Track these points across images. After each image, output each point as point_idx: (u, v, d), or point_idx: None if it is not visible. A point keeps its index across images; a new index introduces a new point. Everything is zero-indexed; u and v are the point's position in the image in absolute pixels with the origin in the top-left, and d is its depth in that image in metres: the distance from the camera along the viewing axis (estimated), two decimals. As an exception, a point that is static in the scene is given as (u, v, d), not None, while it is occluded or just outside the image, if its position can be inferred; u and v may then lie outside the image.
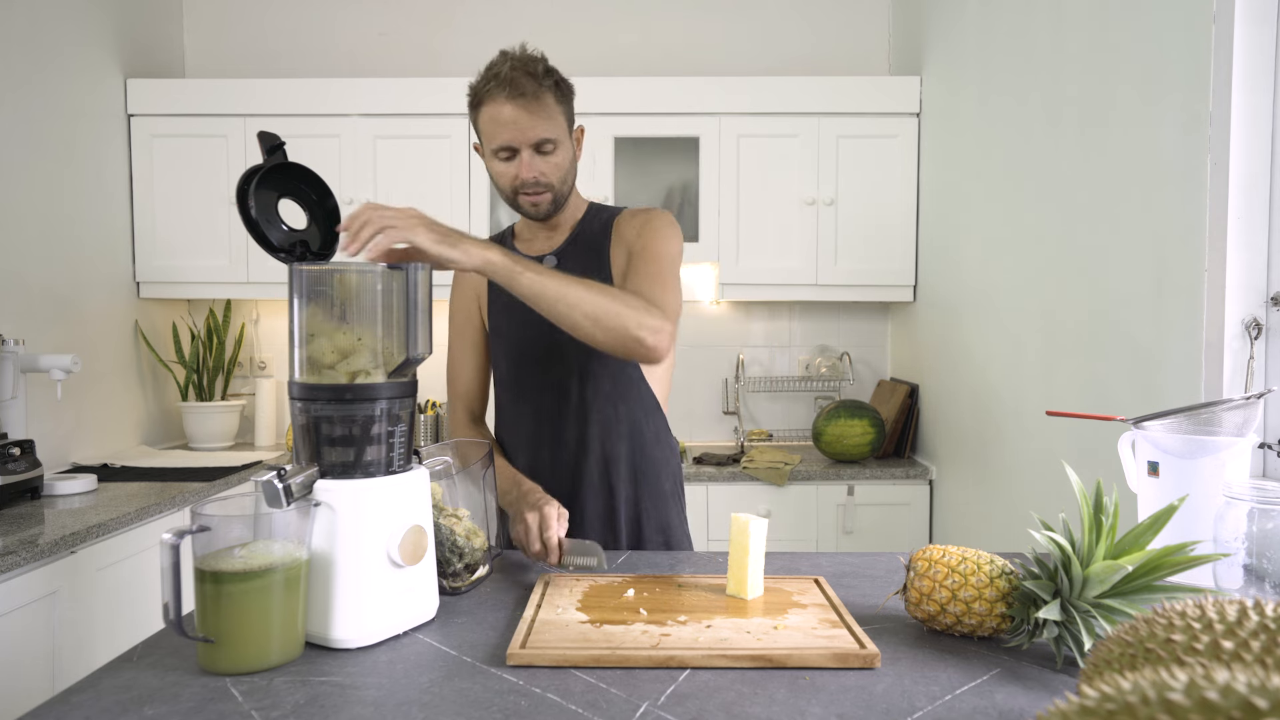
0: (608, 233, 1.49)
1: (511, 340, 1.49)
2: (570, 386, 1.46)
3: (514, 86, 1.31)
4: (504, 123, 1.33)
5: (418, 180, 2.89)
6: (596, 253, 1.47)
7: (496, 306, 1.51)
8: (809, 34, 3.20)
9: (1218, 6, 1.38)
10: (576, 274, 1.38)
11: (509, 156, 1.36)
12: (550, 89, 1.35)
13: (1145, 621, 0.63)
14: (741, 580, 1.06)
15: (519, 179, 1.37)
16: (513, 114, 1.32)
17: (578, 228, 1.50)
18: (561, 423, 1.46)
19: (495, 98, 1.33)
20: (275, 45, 3.21)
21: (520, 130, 1.33)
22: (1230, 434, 1.03)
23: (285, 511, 0.87)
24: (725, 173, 2.89)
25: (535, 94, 1.33)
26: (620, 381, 1.47)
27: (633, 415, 1.48)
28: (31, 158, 2.41)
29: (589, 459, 1.46)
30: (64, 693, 0.81)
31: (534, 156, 1.36)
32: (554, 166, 1.38)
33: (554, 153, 1.37)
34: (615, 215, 1.52)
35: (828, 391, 3.23)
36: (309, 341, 0.95)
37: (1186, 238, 1.46)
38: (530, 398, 1.48)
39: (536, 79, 1.33)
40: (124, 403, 2.82)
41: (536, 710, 0.76)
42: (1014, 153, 2.14)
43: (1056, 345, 1.92)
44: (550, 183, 1.39)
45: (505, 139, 1.34)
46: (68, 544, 1.77)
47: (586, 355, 1.44)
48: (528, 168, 1.36)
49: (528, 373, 1.48)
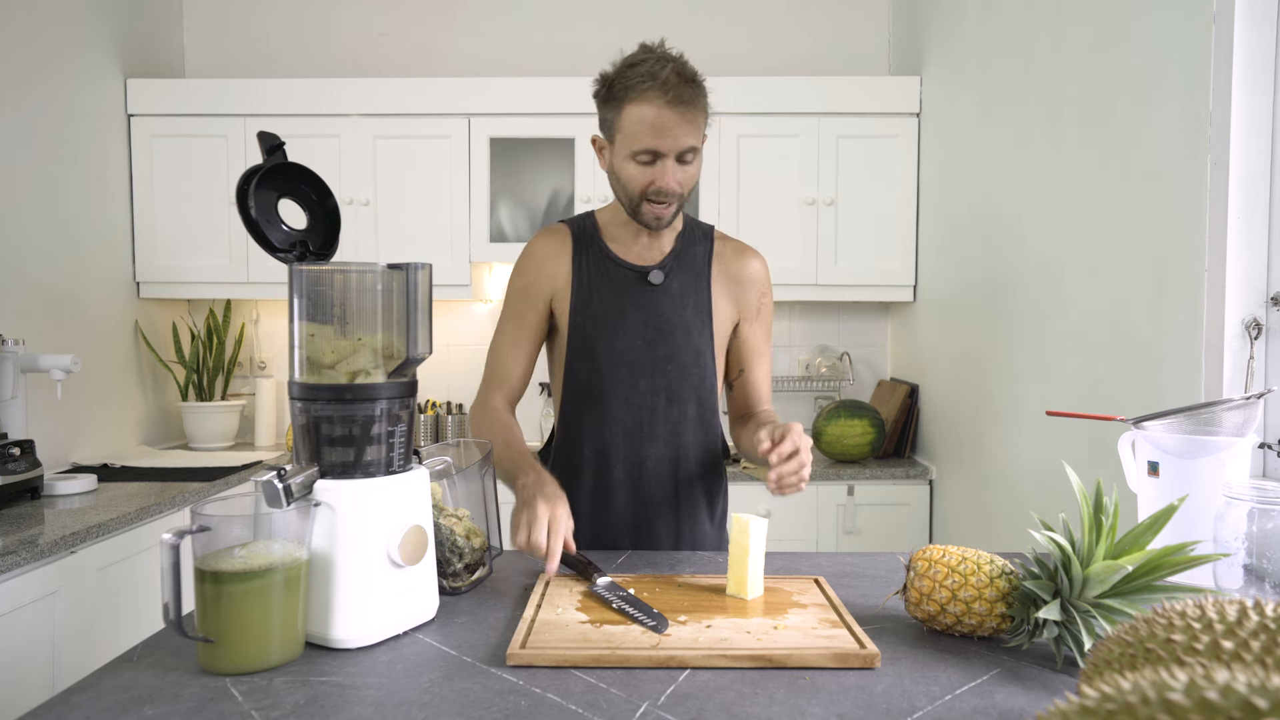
0: (709, 259, 1.47)
1: (602, 351, 1.42)
2: (658, 406, 1.43)
3: (676, 93, 1.26)
4: (658, 127, 1.28)
5: (418, 180, 2.89)
6: (697, 275, 1.46)
7: (586, 312, 1.43)
8: (809, 34, 3.20)
9: (1218, 6, 1.38)
10: (678, 295, 1.44)
11: (650, 161, 1.31)
12: (705, 99, 1.32)
13: (1145, 621, 0.63)
14: (742, 580, 1.06)
15: (655, 186, 1.32)
16: (671, 120, 1.27)
17: (679, 244, 1.47)
18: (641, 442, 1.44)
19: (652, 99, 1.27)
20: (275, 45, 3.21)
21: (674, 138, 1.28)
22: (1230, 434, 1.03)
23: (285, 511, 0.87)
24: (725, 173, 2.89)
25: (693, 102, 1.28)
26: (705, 407, 1.46)
27: (709, 441, 1.49)
28: (32, 158, 2.41)
29: (663, 482, 1.45)
30: (64, 693, 0.81)
31: (676, 166, 1.32)
32: (690, 178, 1.35)
33: (692, 163, 1.33)
34: (711, 235, 1.50)
35: (828, 391, 3.23)
36: (309, 341, 0.95)
37: (1186, 238, 1.46)
38: (611, 411, 1.43)
39: (695, 87, 1.29)
40: (124, 403, 2.82)
41: (536, 710, 0.76)
42: (1014, 152, 2.14)
43: (1056, 345, 1.92)
44: (682, 194, 1.35)
45: (654, 144, 1.29)
46: (68, 544, 1.77)
47: (680, 375, 1.43)
48: (670, 176, 1.31)
49: (615, 386, 1.42)
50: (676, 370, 1.42)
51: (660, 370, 1.42)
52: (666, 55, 1.30)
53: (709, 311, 1.45)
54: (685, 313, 1.43)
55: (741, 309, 1.49)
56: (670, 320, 1.43)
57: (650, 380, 1.42)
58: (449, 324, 3.22)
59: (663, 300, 1.43)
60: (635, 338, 1.42)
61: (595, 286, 1.43)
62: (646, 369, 1.42)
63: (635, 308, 1.42)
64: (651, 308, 1.43)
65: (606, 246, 1.45)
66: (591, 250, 1.45)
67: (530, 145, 2.95)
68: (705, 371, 1.45)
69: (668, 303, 1.43)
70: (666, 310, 1.43)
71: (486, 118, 2.87)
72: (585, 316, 1.43)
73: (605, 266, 1.44)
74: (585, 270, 1.44)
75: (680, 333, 1.42)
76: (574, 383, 1.45)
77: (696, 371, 1.44)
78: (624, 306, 1.42)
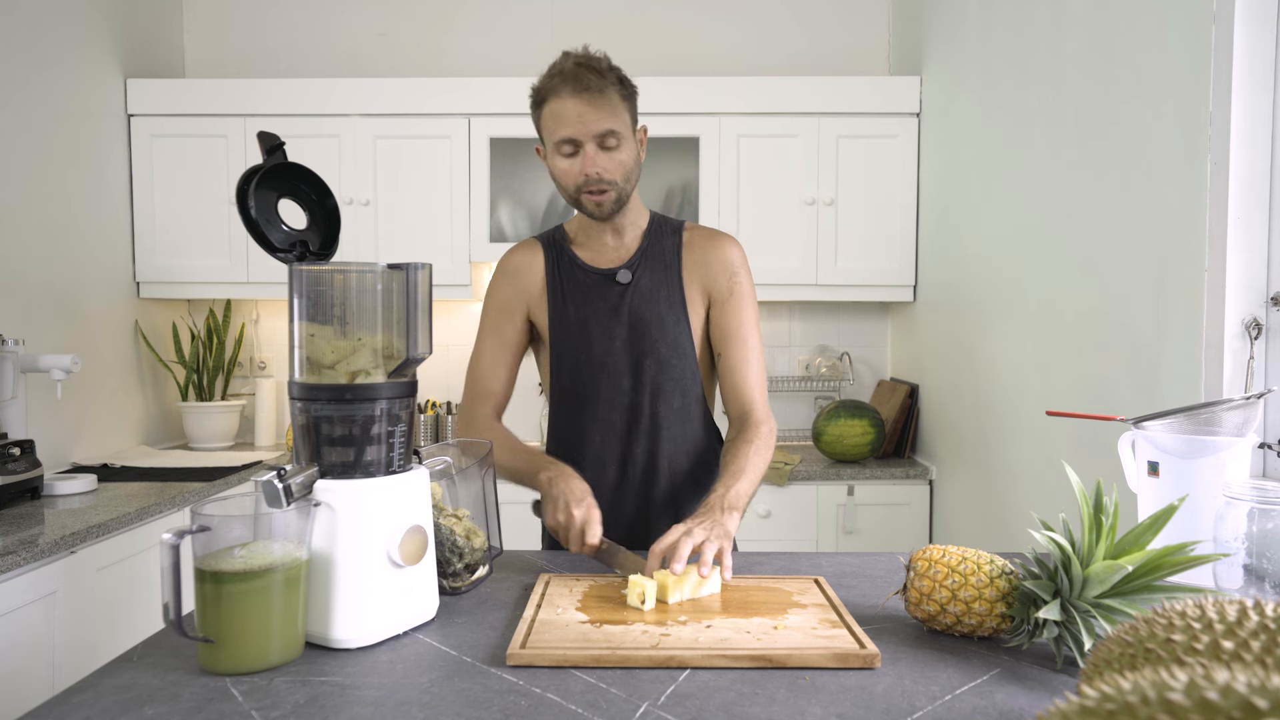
0: (678, 251, 1.48)
1: (582, 356, 1.44)
2: (643, 403, 1.44)
3: (578, 81, 1.32)
4: (567, 117, 1.33)
5: (418, 180, 2.89)
6: (666, 268, 1.47)
7: (563, 321, 1.46)
8: (809, 34, 3.20)
9: (1218, 6, 1.38)
10: (648, 290, 1.44)
11: (572, 152, 1.35)
12: (614, 84, 1.36)
13: (1145, 621, 0.63)
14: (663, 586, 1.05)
15: (582, 174, 1.35)
16: (576, 108, 1.32)
17: (646, 240, 1.48)
18: (631, 441, 1.45)
19: (559, 93, 1.33)
20: (275, 45, 3.20)
21: (585, 124, 1.32)
22: (1230, 434, 1.03)
23: (285, 511, 0.87)
24: (725, 173, 2.89)
25: (599, 88, 1.33)
26: (689, 398, 1.47)
27: (697, 434, 1.49)
28: (32, 158, 2.41)
29: (658, 478, 1.46)
30: (64, 693, 0.81)
31: (598, 151, 1.35)
32: (618, 164, 1.37)
33: (618, 149, 1.36)
34: (681, 229, 1.51)
35: (828, 391, 3.23)
36: (309, 341, 0.95)
37: (1186, 238, 1.46)
38: (598, 413, 1.45)
39: (600, 74, 1.34)
40: (124, 403, 2.82)
41: (536, 710, 0.76)
42: (1014, 152, 2.14)
43: (1056, 345, 1.92)
44: (614, 179, 1.37)
45: (568, 132, 1.33)
46: (68, 544, 1.77)
47: (662, 370, 1.44)
48: (591, 162, 1.34)
49: (596, 388, 1.44)
50: (656, 365, 1.44)
51: (641, 367, 1.44)
52: (575, 53, 1.36)
53: (682, 302, 1.46)
54: (658, 307, 1.44)
55: (711, 292, 1.48)
56: (643, 316, 1.44)
57: (633, 379, 1.44)
58: (449, 324, 3.22)
59: (634, 297, 1.45)
60: (612, 339, 1.44)
61: (569, 294, 1.46)
62: (628, 368, 1.44)
63: (608, 310, 1.45)
64: (623, 307, 1.44)
65: (575, 254, 1.49)
66: (562, 260, 1.48)
67: (530, 145, 2.94)
68: (687, 363, 1.46)
69: (639, 299, 1.45)
70: (639, 307, 1.44)
71: (486, 118, 2.87)
72: (562, 325, 1.46)
73: (575, 274, 1.47)
74: (558, 280, 1.47)
75: (655, 327, 1.44)
76: (561, 389, 1.48)
77: (678, 364, 1.45)
78: (597, 310, 1.45)
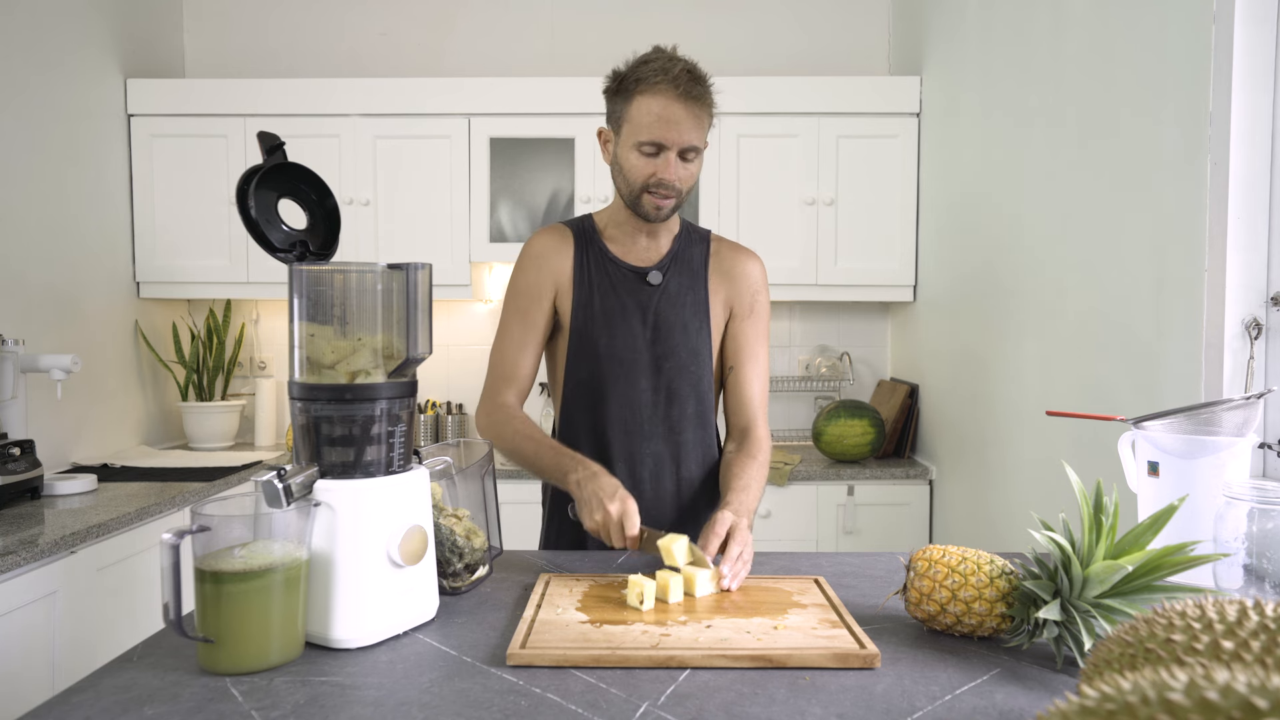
0: (705, 260, 1.50)
1: (602, 349, 1.44)
2: (658, 404, 1.45)
3: (686, 88, 1.31)
4: (666, 119, 1.32)
5: (418, 180, 2.89)
6: (694, 275, 1.49)
7: (588, 311, 1.45)
8: (808, 34, 3.20)
9: (1218, 6, 1.38)
10: (676, 294, 1.46)
11: (653, 153, 1.35)
12: (711, 102, 1.37)
13: (1145, 621, 0.63)
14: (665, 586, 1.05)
15: (657, 177, 1.35)
16: (679, 113, 1.32)
17: (676, 245, 1.50)
18: (642, 440, 1.45)
19: (663, 91, 1.32)
20: (276, 45, 3.20)
21: (680, 132, 1.33)
22: (1230, 434, 1.03)
23: (285, 511, 0.87)
24: (725, 173, 2.89)
25: (701, 100, 1.34)
26: (703, 405, 1.48)
27: (705, 440, 1.50)
28: (32, 158, 2.41)
29: (665, 480, 1.46)
30: (64, 693, 0.81)
31: (678, 161, 1.36)
32: (690, 175, 1.39)
33: (693, 162, 1.38)
34: (708, 238, 1.53)
35: (828, 391, 3.23)
36: (309, 341, 0.95)
37: (1186, 238, 1.46)
38: (610, 410, 1.44)
39: (704, 87, 1.34)
40: (124, 403, 2.82)
41: (536, 710, 0.76)
42: (1014, 152, 2.14)
43: (1056, 345, 1.92)
44: (682, 190, 1.39)
45: (660, 135, 1.33)
46: (68, 544, 1.77)
47: (678, 373, 1.45)
48: (671, 170, 1.35)
49: (614, 384, 1.44)
50: (675, 368, 1.45)
51: (659, 368, 1.45)
52: (680, 56, 1.36)
53: (706, 311, 1.48)
54: (683, 312, 1.46)
55: (734, 305, 1.51)
56: (669, 319, 1.45)
57: (650, 378, 1.45)
58: (449, 324, 3.22)
59: (661, 300, 1.46)
60: (635, 336, 1.44)
61: (596, 285, 1.46)
62: (646, 367, 1.44)
63: (635, 307, 1.45)
64: (650, 307, 1.45)
65: (606, 247, 1.48)
66: (592, 250, 1.48)
67: (530, 145, 2.95)
68: (703, 370, 1.47)
69: (666, 302, 1.46)
70: (665, 309, 1.45)
71: (486, 118, 2.87)
72: (586, 315, 1.45)
73: (605, 266, 1.47)
74: (586, 269, 1.47)
75: (679, 332, 1.45)
76: (574, 381, 1.47)
77: (694, 370, 1.46)
78: (624, 305, 1.45)
